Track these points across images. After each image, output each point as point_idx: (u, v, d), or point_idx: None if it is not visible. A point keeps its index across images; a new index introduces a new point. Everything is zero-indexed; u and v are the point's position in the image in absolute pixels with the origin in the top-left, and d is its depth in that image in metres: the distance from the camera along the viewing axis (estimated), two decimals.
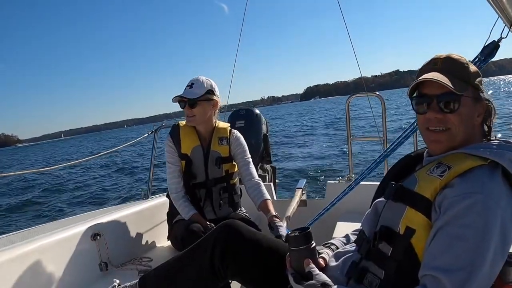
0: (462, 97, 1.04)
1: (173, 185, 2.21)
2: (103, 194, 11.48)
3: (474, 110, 1.06)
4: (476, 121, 1.07)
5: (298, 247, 1.13)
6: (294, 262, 1.15)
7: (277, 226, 1.97)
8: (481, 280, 0.89)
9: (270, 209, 2.14)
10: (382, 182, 1.25)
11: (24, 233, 2.08)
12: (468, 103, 1.05)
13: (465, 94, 1.04)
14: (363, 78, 3.32)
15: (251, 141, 2.65)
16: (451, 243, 0.91)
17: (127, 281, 1.58)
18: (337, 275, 1.15)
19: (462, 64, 1.08)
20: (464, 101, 1.05)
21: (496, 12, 1.58)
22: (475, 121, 1.07)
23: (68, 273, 1.85)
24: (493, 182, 0.94)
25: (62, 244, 1.88)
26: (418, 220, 0.99)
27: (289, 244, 1.15)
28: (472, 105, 1.06)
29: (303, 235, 1.14)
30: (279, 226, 1.97)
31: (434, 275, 0.90)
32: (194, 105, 2.15)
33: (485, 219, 0.89)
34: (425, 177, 1.03)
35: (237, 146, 2.31)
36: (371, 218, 1.17)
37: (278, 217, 2.08)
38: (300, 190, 2.78)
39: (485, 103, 1.08)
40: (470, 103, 1.06)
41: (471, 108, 1.06)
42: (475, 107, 1.06)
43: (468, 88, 1.05)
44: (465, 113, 1.05)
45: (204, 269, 1.38)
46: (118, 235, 2.25)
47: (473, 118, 1.07)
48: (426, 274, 0.92)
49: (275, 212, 2.13)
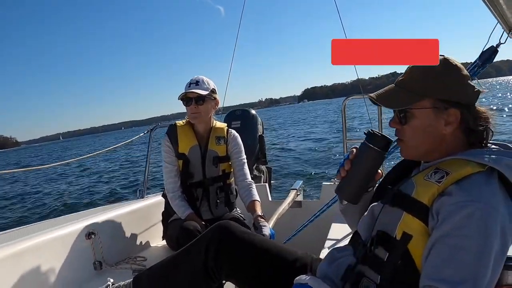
0: (412, 110, 1.05)
1: (169, 185, 2.21)
2: (98, 193, 11.44)
3: (435, 120, 1.04)
4: (443, 130, 1.04)
5: (373, 146, 1.12)
6: (360, 159, 1.14)
7: (261, 226, 1.98)
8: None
9: (256, 210, 2.16)
10: (378, 186, 1.25)
11: (17, 231, 2.07)
12: (425, 114, 1.04)
13: (416, 107, 1.04)
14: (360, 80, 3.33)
15: (247, 141, 2.65)
16: (452, 253, 0.90)
17: (121, 280, 1.57)
18: (332, 278, 1.15)
19: (421, 76, 1.06)
20: (418, 113, 1.05)
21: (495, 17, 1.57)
22: (443, 130, 1.04)
23: (62, 272, 1.84)
24: (490, 188, 0.94)
25: (56, 243, 1.87)
26: (415, 226, 0.99)
27: (368, 139, 1.13)
28: (432, 116, 1.04)
29: (388, 140, 1.12)
30: (263, 226, 1.98)
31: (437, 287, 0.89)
32: (201, 102, 2.14)
33: (485, 227, 0.89)
34: (422, 182, 1.02)
35: (234, 145, 2.31)
36: (367, 222, 1.16)
37: (263, 218, 2.09)
38: (294, 191, 2.78)
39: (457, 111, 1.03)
40: (428, 114, 1.04)
41: (430, 119, 1.04)
42: (437, 117, 1.04)
43: (422, 99, 1.04)
44: (418, 125, 1.06)
45: (198, 270, 1.37)
46: (112, 234, 2.25)
47: (436, 128, 1.05)
48: (430, 285, 0.91)
49: (263, 212, 2.14)
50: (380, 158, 1.13)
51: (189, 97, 2.14)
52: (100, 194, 11.28)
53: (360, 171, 1.14)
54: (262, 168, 3.42)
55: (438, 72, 1.05)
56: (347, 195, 1.18)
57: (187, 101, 2.14)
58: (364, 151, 1.13)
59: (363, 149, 1.14)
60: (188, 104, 2.15)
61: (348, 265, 1.14)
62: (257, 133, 3.41)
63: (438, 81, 1.04)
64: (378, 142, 1.12)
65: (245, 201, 2.26)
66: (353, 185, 1.16)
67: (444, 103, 1.03)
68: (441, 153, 1.06)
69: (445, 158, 1.04)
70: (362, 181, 1.16)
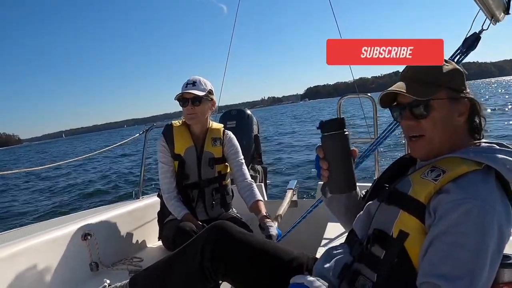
0: (431, 101, 1.03)
1: (165, 186, 2.20)
2: (94, 194, 11.37)
3: (452, 111, 1.04)
4: (457, 121, 1.05)
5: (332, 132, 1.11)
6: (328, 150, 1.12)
7: (267, 226, 1.98)
8: (482, 286, 0.89)
9: (261, 210, 2.15)
10: (375, 184, 1.25)
11: (13, 232, 2.06)
12: (442, 105, 1.04)
13: (436, 97, 1.03)
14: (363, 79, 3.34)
15: (242, 142, 2.66)
16: (450, 250, 0.90)
17: (118, 281, 1.57)
18: (328, 277, 1.15)
19: (429, 67, 1.06)
20: (436, 104, 1.04)
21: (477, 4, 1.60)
22: (456, 122, 1.05)
23: (59, 273, 1.84)
24: (487, 187, 0.94)
25: (53, 244, 1.87)
26: (412, 224, 0.99)
27: (323, 130, 1.12)
28: (448, 106, 1.04)
29: (339, 120, 1.11)
30: (269, 226, 1.98)
31: (435, 283, 0.90)
32: (198, 103, 2.13)
33: (482, 225, 0.89)
34: (419, 180, 1.02)
35: (230, 147, 2.31)
36: (364, 221, 1.16)
37: (269, 217, 2.09)
38: (291, 190, 2.79)
39: (467, 101, 1.05)
40: (445, 105, 1.04)
41: (447, 109, 1.04)
42: (452, 107, 1.04)
43: (439, 90, 1.04)
44: (439, 117, 1.04)
45: (194, 271, 1.37)
46: (109, 235, 2.24)
47: (452, 120, 1.05)
48: (427, 282, 0.92)
49: (266, 212, 2.14)
50: (343, 139, 1.12)
51: (185, 98, 2.12)
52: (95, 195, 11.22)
53: (337, 161, 1.13)
54: (258, 168, 3.43)
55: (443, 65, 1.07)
56: (342, 189, 1.17)
57: (184, 101, 2.13)
58: (327, 143, 1.13)
59: (325, 142, 1.13)
60: (184, 105, 2.13)
61: (344, 263, 1.14)
62: (253, 133, 3.41)
63: (446, 72, 1.06)
64: (331, 127, 1.12)
65: (247, 201, 2.24)
66: (341, 177, 1.14)
67: (456, 92, 1.05)
68: (450, 147, 1.06)
69: (443, 156, 1.05)
70: (346, 168, 1.13)
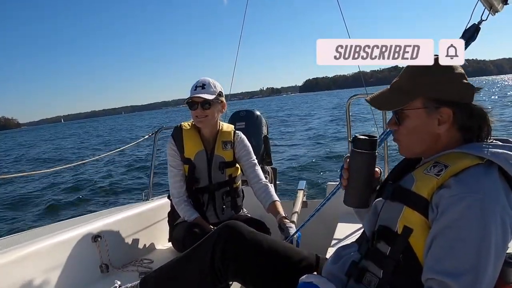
0: (404, 110, 1.07)
1: (175, 190, 2.18)
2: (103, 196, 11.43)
3: (429, 120, 1.05)
4: (438, 129, 1.05)
5: (361, 150, 1.16)
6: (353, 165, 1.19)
7: (287, 227, 1.97)
8: (487, 280, 0.89)
9: (279, 211, 2.12)
10: (383, 183, 1.25)
11: (24, 235, 2.08)
12: (417, 114, 1.06)
13: (408, 107, 1.06)
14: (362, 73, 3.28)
15: (252, 142, 2.65)
16: (453, 245, 0.91)
17: (128, 282, 1.58)
18: (337, 275, 1.16)
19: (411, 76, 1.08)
20: (410, 113, 1.07)
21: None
22: (437, 130, 1.05)
23: (69, 275, 1.85)
24: (490, 180, 0.94)
25: (63, 246, 1.88)
26: (416, 219, 1.00)
27: (354, 146, 1.18)
28: (424, 115, 1.05)
29: (372, 141, 1.16)
30: (289, 227, 1.97)
31: (441, 280, 0.90)
32: (208, 106, 2.08)
33: (485, 218, 0.89)
34: (422, 176, 1.03)
35: (242, 148, 2.28)
36: (371, 219, 1.17)
37: (287, 218, 2.06)
38: (301, 191, 2.78)
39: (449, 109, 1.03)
40: (421, 114, 1.05)
41: (423, 118, 1.05)
42: (430, 116, 1.04)
43: (414, 99, 1.05)
44: (412, 126, 1.07)
45: (204, 270, 1.37)
46: (118, 237, 2.25)
47: (430, 128, 1.05)
48: (432, 278, 0.92)
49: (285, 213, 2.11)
50: (371, 159, 1.18)
51: (195, 101, 2.08)
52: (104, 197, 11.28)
53: (358, 177, 1.20)
54: (267, 169, 3.42)
55: (428, 72, 1.06)
56: (355, 203, 1.24)
57: (193, 105, 2.09)
58: (355, 158, 1.19)
59: (353, 156, 1.19)
60: (193, 108, 2.09)
61: (352, 261, 1.15)
62: (262, 134, 3.40)
63: (427, 81, 1.05)
64: (363, 145, 1.17)
65: (264, 202, 2.21)
66: (357, 192, 1.22)
67: (435, 102, 1.04)
68: (438, 151, 1.07)
69: (444, 152, 1.05)
70: (363, 185, 1.21)
